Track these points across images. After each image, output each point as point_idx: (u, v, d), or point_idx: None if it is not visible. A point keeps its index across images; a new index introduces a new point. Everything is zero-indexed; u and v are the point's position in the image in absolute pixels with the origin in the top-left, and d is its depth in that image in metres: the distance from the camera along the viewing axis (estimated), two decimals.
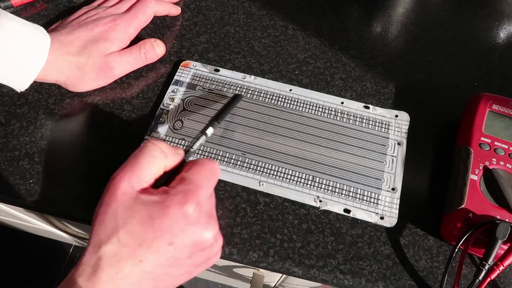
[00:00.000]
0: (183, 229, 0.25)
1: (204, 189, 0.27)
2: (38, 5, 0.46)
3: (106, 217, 0.26)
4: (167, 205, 0.25)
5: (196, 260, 0.27)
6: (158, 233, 0.25)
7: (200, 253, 0.27)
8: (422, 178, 0.37)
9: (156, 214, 0.25)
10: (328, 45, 0.44)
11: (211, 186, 0.28)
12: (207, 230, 0.26)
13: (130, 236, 0.25)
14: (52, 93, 0.40)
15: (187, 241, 0.26)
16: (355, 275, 0.32)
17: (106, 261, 0.24)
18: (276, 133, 0.38)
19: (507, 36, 0.46)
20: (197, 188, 0.27)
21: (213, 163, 0.29)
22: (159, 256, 0.25)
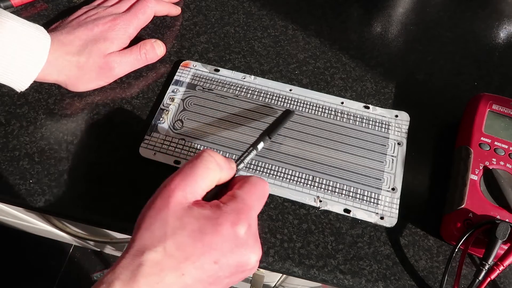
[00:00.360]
0: (232, 249, 0.25)
1: (254, 210, 0.26)
2: (38, 5, 0.46)
3: (155, 223, 0.25)
4: (220, 222, 0.25)
5: (233, 279, 0.27)
6: (206, 249, 0.24)
7: (240, 274, 0.26)
8: (422, 178, 0.37)
9: (208, 230, 0.24)
10: (328, 45, 0.44)
11: (260, 207, 0.28)
12: (253, 253, 0.26)
13: (177, 247, 0.24)
14: (52, 93, 0.40)
15: (232, 262, 0.25)
16: (355, 275, 0.32)
17: (148, 269, 0.23)
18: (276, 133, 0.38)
19: (507, 36, 0.46)
20: (249, 209, 0.26)
21: (265, 184, 0.28)
22: (202, 272, 0.24)
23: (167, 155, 0.37)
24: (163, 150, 0.37)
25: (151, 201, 0.26)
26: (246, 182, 0.28)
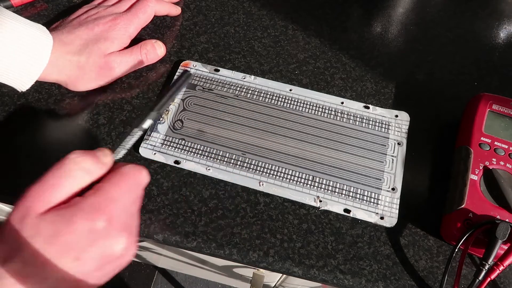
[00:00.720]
0: (91, 244, 0.25)
1: (119, 201, 0.26)
2: (38, 5, 0.46)
3: (11, 234, 0.25)
4: (73, 220, 0.24)
5: (104, 271, 0.26)
6: (64, 249, 0.24)
7: (109, 265, 0.26)
8: (422, 178, 0.37)
9: (62, 231, 0.24)
10: (328, 45, 0.44)
11: (130, 197, 0.27)
12: (117, 243, 0.26)
13: (34, 255, 0.24)
14: (52, 93, 0.40)
15: (94, 255, 0.25)
16: (355, 275, 0.32)
17: (11, 279, 0.23)
18: (276, 133, 0.38)
19: (507, 36, 0.46)
20: (111, 201, 0.26)
21: (137, 172, 0.28)
22: (65, 272, 0.24)
23: (167, 155, 0.37)
24: (163, 150, 0.37)
25: (10, 212, 0.26)
26: (115, 172, 0.27)
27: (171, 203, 0.35)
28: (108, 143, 0.37)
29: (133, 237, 0.27)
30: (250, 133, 0.38)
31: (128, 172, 0.27)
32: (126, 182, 0.27)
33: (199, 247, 0.33)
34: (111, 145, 0.30)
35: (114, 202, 0.26)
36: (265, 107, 0.39)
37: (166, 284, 1.09)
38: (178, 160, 0.36)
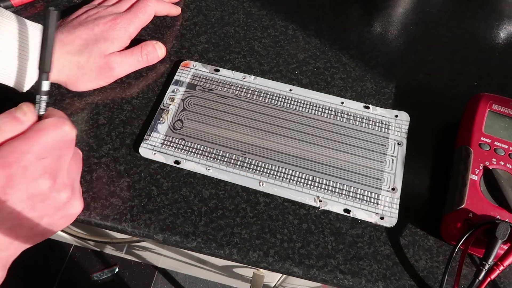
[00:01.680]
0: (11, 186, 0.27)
1: (29, 153, 0.27)
2: (38, 5, 0.46)
3: None
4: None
5: (43, 211, 0.29)
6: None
7: (41, 204, 0.29)
8: (422, 178, 0.37)
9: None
10: (328, 45, 0.44)
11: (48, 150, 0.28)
12: (36, 183, 0.28)
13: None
14: (52, 93, 0.40)
15: (21, 197, 0.27)
16: (355, 275, 0.32)
17: None
18: (276, 133, 0.38)
19: (507, 36, 0.46)
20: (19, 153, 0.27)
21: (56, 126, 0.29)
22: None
23: (167, 155, 0.37)
24: (163, 150, 0.37)
25: None
26: (30, 129, 0.29)
27: (171, 203, 0.35)
28: (108, 143, 0.37)
29: (58, 182, 0.29)
30: (250, 133, 0.38)
31: (44, 128, 0.29)
32: (41, 136, 0.28)
33: (199, 247, 0.33)
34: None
35: (23, 154, 0.27)
36: (265, 107, 0.39)
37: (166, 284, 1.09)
38: (178, 160, 0.36)
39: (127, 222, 0.34)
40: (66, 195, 0.30)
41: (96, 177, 0.36)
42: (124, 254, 0.97)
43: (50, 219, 0.30)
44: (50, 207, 0.29)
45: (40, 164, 0.28)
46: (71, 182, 0.31)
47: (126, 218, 0.34)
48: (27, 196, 0.28)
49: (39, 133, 0.28)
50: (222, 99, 0.40)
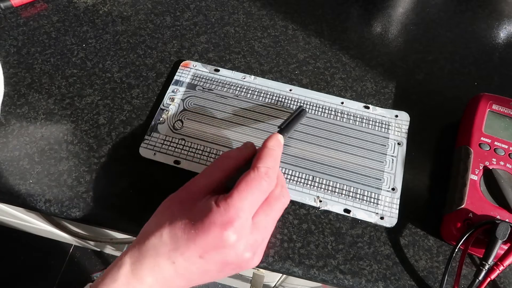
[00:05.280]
0: (215, 249, 0.25)
1: (245, 214, 0.26)
2: (38, 5, 0.46)
3: (165, 211, 0.28)
4: (205, 222, 0.25)
5: (227, 273, 0.28)
6: (191, 244, 0.25)
7: (231, 270, 0.27)
8: (422, 178, 0.37)
9: (196, 226, 0.25)
10: (328, 45, 0.44)
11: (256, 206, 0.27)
12: (242, 257, 0.26)
13: (170, 237, 0.26)
14: (52, 93, 0.40)
15: (217, 259, 0.26)
16: (355, 275, 0.32)
17: (148, 251, 0.26)
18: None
19: (507, 36, 0.46)
20: (237, 214, 0.25)
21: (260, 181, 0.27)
22: (190, 264, 0.26)
23: (167, 155, 0.37)
24: (163, 150, 0.37)
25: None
26: (242, 178, 0.27)
27: None
28: (108, 143, 0.37)
29: (258, 254, 0.28)
30: (250, 133, 0.38)
31: (251, 181, 0.27)
32: (251, 193, 0.26)
33: None
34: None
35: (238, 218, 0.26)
36: (265, 107, 0.39)
37: None
38: (178, 160, 0.36)
39: (127, 222, 0.34)
40: (256, 262, 0.28)
41: (96, 177, 0.36)
42: None
43: (226, 276, 0.28)
44: (235, 271, 0.28)
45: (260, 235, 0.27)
46: (265, 249, 0.29)
47: (126, 218, 0.34)
48: (223, 262, 0.26)
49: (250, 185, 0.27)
50: (222, 99, 0.40)
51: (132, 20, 0.45)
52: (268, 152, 0.29)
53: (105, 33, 0.44)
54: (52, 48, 0.43)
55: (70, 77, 0.41)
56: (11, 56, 0.42)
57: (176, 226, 0.26)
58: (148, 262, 0.26)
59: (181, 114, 0.39)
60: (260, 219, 0.27)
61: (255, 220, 0.27)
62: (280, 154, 0.30)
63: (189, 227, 0.26)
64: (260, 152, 0.29)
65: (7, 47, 0.43)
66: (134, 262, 0.26)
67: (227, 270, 0.27)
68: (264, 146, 0.29)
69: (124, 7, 0.46)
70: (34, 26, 0.44)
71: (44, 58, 0.42)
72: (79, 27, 0.44)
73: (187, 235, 0.25)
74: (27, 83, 0.40)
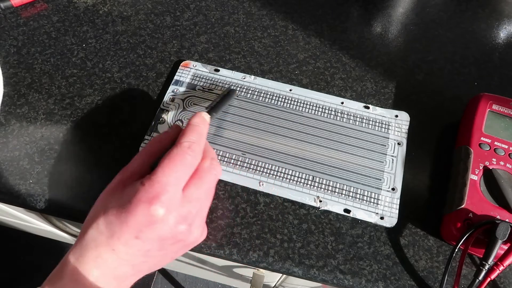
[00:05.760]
0: (147, 226, 0.26)
1: (172, 185, 0.26)
2: (38, 5, 0.46)
3: (98, 202, 0.28)
4: (133, 202, 0.26)
5: (170, 250, 0.28)
6: (124, 226, 0.26)
7: (172, 245, 0.28)
8: (422, 178, 0.37)
9: (125, 208, 0.26)
10: (328, 45, 0.44)
11: (183, 179, 0.28)
12: (176, 230, 0.27)
13: (106, 225, 0.26)
14: (52, 93, 0.40)
15: (152, 236, 0.26)
16: (355, 275, 0.32)
17: (88, 244, 0.26)
18: (276, 133, 0.38)
19: (507, 36, 0.46)
20: (163, 186, 0.26)
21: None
22: (129, 247, 0.26)
23: None
24: None
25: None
26: (166, 155, 0.28)
27: None
28: (108, 143, 0.37)
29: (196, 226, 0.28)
30: (250, 133, 0.38)
31: (174, 156, 0.27)
32: (176, 167, 0.27)
33: (199, 247, 0.33)
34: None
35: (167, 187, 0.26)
36: (265, 107, 0.39)
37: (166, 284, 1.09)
38: None
39: None
40: (197, 235, 0.29)
41: (96, 177, 0.36)
42: None
43: (174, 255, 0.29)
44: (178, 247, 0.29)
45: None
46: (204, 221, 0.30)
47: None
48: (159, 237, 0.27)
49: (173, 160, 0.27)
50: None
51: (132, 20, 0.45)
52: (192, 128, 0.30)
53: (105, 33, 0.44)
54: (52, 48, 0.43)
55: (70, 77, 0.41)
56: (11, 56, 0.42)
57: (109, 213, 0.26)
58: (90, 255, 0.26)
59: (181, 114, 0.39)
60: (191, 192, 0.28)
61: (185, 193, 0.27)
62: (205, 130, 0.31)
63: (119, 211, 0.26)
64: (184, 129, 0.30)
65: (7, 47, 0.43)
66: (78, 258, 0.26)
67: (168, 247, 0.27)
68: (188, 124, 0.30)
69: (124, 7, 0.46)
70: (34, 26, 0.44)
71: (44, 58, 0.42)
72: (79, 27, 0.44)
73: (119, 219, 0.26)
74: (27, 83, 0.40)
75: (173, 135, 0.31)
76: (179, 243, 0.28)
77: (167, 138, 0.31)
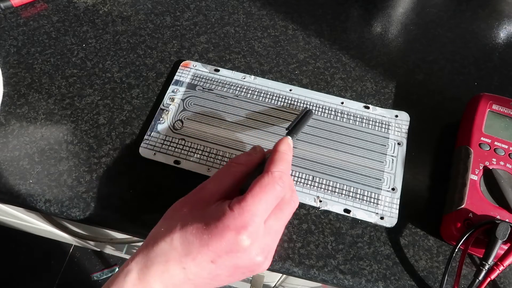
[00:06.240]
0: (228, 253, 0.25)
1: (258, 215, 0.26)
2: (38, 5, 0.46)
3: (175, 215, 0.27)
4: (219, 226, 0.25)
5: (237, 277, 0.27)
6: (204, 248, 0.25)
7: (242, 274, 0.27)
8: (422, 178, 0.37)
9: (208, 231, 0.25)
10: (328, 45, 0.44)
11: (269, 210, 0.27)
12: (254, 261, 0.26)
13: (181, 242, 0.25)
14: (52, 93, 0.40)
15: (229, 264, 0.26)
16: (355, 275, 0.32)
17: (157, 257, 0.25)
18: (276, 133, 0.38)
19: (507, 36, 0.46)
20: (252, 218, 0.25)
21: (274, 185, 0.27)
22: (201, 269, 0.25)
23: (167, 155, 0.36)
24: (163, 150, 0.37)
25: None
26: (256, 182, 0.27)
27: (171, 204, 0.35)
28: (108, 143, 0.37)
29: (269, 258, 0.27)
30: (250, 133, 0.38)
31: (265, 185, 0.26)
32: (265, 196, 0.26)
33: None
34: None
35: (254, 217, 0.25)
36: (265, 107, 0.39)
37: None
38: (178, 160, 0.36)
39: (128, 222, 0.34)
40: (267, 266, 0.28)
41: (96, 177, 0.36)
42: (124, 254, 0.97)
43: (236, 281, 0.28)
44: (245, 275, 0.27)
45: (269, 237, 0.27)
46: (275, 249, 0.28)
47: (126, 218, 0.34)
48: (235, 266, 0.26)
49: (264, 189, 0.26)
50: (222, 99, 0.40)
51: (132, 20, 0.45)
52: (281, 156, 0.29)
53: (105, 33, 0.44)
54: (52, 48, 0.43)
55: (70, 77, 0.41)
56: (11, 56, 0.42)
57: (188, 230, 0.25)
58: (157, 268, 0.25)
59: (181, 114, 0.39)
60: (272, 224, 0.27)
61: (267, 224, 0.27)
62: (291, 158, 0.30)
63: (201, 232, 0.25)
64: (273, 156, 0.29)
65: (7, 47, 0.43)
66: (142, 268, 0.25)
67: (237, 274, 0.27)
68: (276, 150, 0.29)
69: (124, 7, 0.46)
70: (34, 26, 0.44)
71: (44, 58, 0.42)
72: (79, 27, 0.44)
73: (199, 240, 0.25)
74: (27, 83, 0.40)
75: (257, 159, 0.30)
76: (248, 272, 0.27)
77: (250, 162, 0.30)
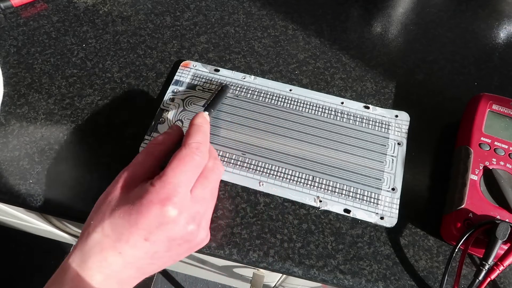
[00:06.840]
0: (158, 227, 0.26)
1: (182, 185, 0.27)
2: (38, 5, 0.46)
3: (102, 206, 0.27)
4: (143, 203, 0.26)
5: (176, 251, 0.28)
6: (134, 228, 0.25)
7: (179, 247, 0.28)
8: (422, 178, 0.37)
9: (134, 210, 0.26)
10: (328, 45, 0.44)
11: (192, 180, 0.28)
12: (186, 230, 0.27)
13: (112, 228, 0.26)
14: (52, 93, 0.40)
15: (162, 238, 0.26)
16: (355, 275, 0.32)
17: (92, 249, 0.26)
18: (276, 133, 0.38)
19: (507, 36, 0.46)
20: (175, 187, 0.26)
21: (192, 156, 0.28)
22: (137, 249, 0.26)
23: None
24: None
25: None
26: (175, 156, 0.28)
27: None
28: (108, 143, 0.37)
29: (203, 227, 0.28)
30: (250, 133, 0.38)
31: (183, 156, 0.28)
32: (185, 167, 0.27)
33: None
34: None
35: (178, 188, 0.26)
36: (265, 107, 0.39)
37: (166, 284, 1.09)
38: None
39: None
40: (203, 236, 0.29)
41: (96, 177, 0.36)
42: None
43: (179, 257, 0.29)
44: (185, 248, 0.28)
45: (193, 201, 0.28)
46: (209, 222, 0.30)
47: None
48: (168, 238, 0.27)
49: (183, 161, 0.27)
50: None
51: (132, 20, 0.45)
52: (197, 128, 0.30)
53: (105, 33, 0.44)
54: (52, 48, 0.43)
55: (70, 77, 0.41)
56: (11, 56, 0.42)
57: (116, 215, 0.26)
58: (94, 260, 0.25)
59: (181, 114, 0.39)
60: (199, 192, 0.28)
61: (193, 194, 0.28)
62: (208, 130, 0.31)
63: (128, 213, 0.26)
64: (189, 130, 0.30)
65: (7, 47, 0.43)
66: (79, 264, 0.26)
67: (175, 248, 0.27)
68: (192, 124, 0.30)
69: (124, 7, 0.46)
70: (34, 26, 0.44)
71: (44, 58, 0.42)
72: (79, 27, 0.44)
73: (128, 221, 0.26)
74: (27, 83, 0.40)
75: (174, 136, 0.31)
76: (186, 244, 0.28)
77: (169, 139, 0.31)
